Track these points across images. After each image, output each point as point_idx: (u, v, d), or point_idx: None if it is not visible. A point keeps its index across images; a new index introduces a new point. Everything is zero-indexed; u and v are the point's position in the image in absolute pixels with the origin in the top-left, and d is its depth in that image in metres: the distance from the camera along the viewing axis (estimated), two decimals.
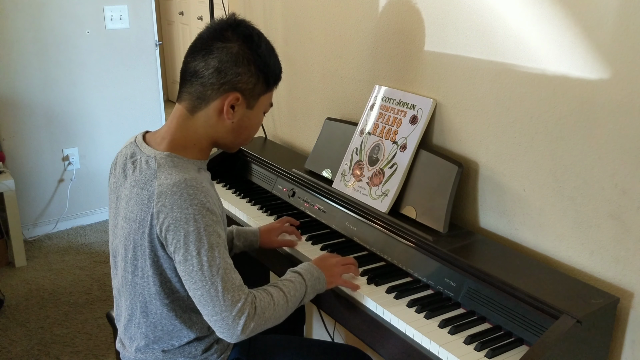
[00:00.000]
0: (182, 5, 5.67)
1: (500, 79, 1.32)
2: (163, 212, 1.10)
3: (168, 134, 1.20)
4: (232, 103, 1.18)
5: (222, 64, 1.15)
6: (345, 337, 2.05)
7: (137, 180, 1.16)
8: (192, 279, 1.10)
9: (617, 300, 1.13)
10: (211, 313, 1.11)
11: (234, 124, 1.20)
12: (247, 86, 1.18)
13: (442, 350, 1.10)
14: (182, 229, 1.09)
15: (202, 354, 1.26)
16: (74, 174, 3.45)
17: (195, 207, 1.09)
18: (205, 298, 1.10)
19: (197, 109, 1.19)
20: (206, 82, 1.16)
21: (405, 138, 1.48)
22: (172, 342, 1.24)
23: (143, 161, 1.18)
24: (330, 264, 1.31)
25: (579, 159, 1.20)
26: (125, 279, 1.22)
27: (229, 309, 1.09)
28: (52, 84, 3.26)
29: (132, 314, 1.24)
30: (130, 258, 1.19)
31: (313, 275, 1.26)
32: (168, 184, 1.11)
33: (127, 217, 1.17)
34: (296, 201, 1.73)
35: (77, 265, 3.07)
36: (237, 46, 1.16)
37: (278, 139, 2.23)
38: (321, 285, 1.28)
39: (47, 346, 2.39)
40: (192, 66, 1.18)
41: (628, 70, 1.08)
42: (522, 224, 1.33)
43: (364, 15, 1.68)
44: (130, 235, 1.17)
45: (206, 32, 1.19)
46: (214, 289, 1.09)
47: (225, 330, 1.11)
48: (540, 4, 1.21)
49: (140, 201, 1.14)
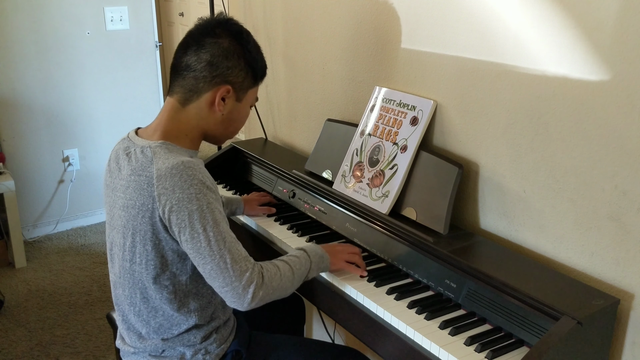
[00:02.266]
0: (182, 6, 5.67)
1: (500, 80, 1.32)
2: (165, 195, 1.13)
3: (160, 125, 1.25)
4: (223, 95, 1.24)
5: (214, 58, 1.22)
6: (346, 338, 2.05)
7: (134, 168, 1.19)
8: (200, 255, 1.14)
9: (617, 302, 1.13)
10: (222, 285, 1.16)
11: (224, 115, 1.27)
12: (237, 79, 1.25)
13: (443, 352, 1.10)
14: (186, 209, 1.13)
15: (201, 342, 1.28)
16: (74, 175, 3.45)
17: (195, 186, 1.14)
18: (215, 271, 1.15)
19: (189, 101, 1.24)
20: (199, 75, 1.22)
21: (406, 139, 1.48)
22: (172, 330, 1.26)
23: (138, 151, 1.21)
24: (336, 249, 1.38)
25: (579, 160, 1.20)
26: (123, 267, 1.24)
27: (238, 279, 1.15)
28: (52, 84, 3.26)
29: (132, 303, 1.26)
30: (128, 245, 1.21)
31: (317, 253, 1.32)
32: (166, 167, 1.14)
33: (125, 206, 1.20)
34: (296, 202, 1.73)
35: (77, 266, 3.07)
36: (228, 41, 1.23)
37: (278, 140, 2.23)
38: (325, 264, 1.33)
39: (47, 347, 2.39)
40: (184, 60, 1.23)
41: (628, 71, 1.08)
42: (523, 225, 1.34)
43: (364, 16, 1.68)
44: (129, 223, 1.19)
45: (196, 29, 1.26)
46: (222, 261, 1.14)
47: (236, 299, 1.16)
48: (540, 6, 1.21)
49: (139, 187, 1.16)
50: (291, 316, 1.75)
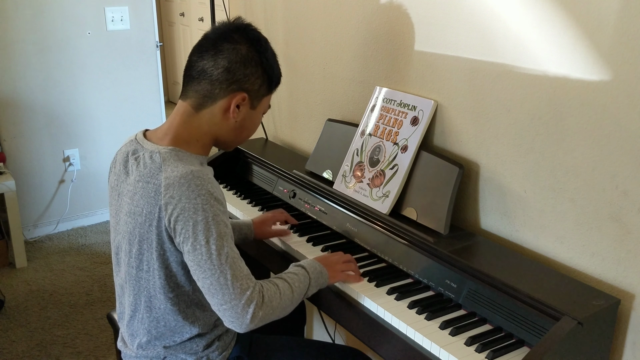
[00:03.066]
0: (183, 6, 5.67)
1: (501, 80, 1.32)
2: (171, 204, 1.11)
3: (171, 129, 1.22)
4: (238, 102, 1.21)
5: (232, 64, 1.19)
6: (346, 338, 2.05)
7: (142, 175, 1.17)
8: (200, 268, 1.11)
9: (618, 302, 1.13)
10: (220, 302, 1.12)
11: (237, 122, 1.24)
12: (254, 87, 1.22)
13: (443, 352, 1.10)
14: (191, 219, 1.10)
15: (203, 350, 1.27)
16: (74, 175, 3.45)
17: (203, 196, 1.11)
18: (215, 287, 1.11)
19: (202, 106, 1.21)
20: (215, 81, 1.19)
21: (406, 139, 1.48)
22: (174, 338, 1.25)
23: (147, 156, 1.19)
24: (332, 261, 1.34)
25: (579, 160, 1.20)
26: (129, 274, 1.23)
27: (238, 297, 1.11)
28: (53, 84, 3.26)
29: (135, 310, 1.25)
30: (135, 252, 1.20)
31: (316, 269, 1.29)
32: (175, 176, 1.12)
33: (132, 212, 1.18)
34: (297, 202, 1.73)
35: (77, 266, 3.07)
36: (246, 48, 1.20)
37: (279, 140, 2.23)
38: (323, 279, 1.30)
39: (47, 347, 2.40)
40: (199, 65, 1.20)
41: (629, 71, 1.08)
42: (523, 225, 1.33)
43: (364, 16, 1.68)
44: (136, 230, 1.18)
45: (213, 33, 1.22)
46: (223, 277, 1.10)
47: (234, 319, 1.12)
48: (540, 6, 1.21)
49: (147, 195, 1.14)
50: (292, 317, 1.74)
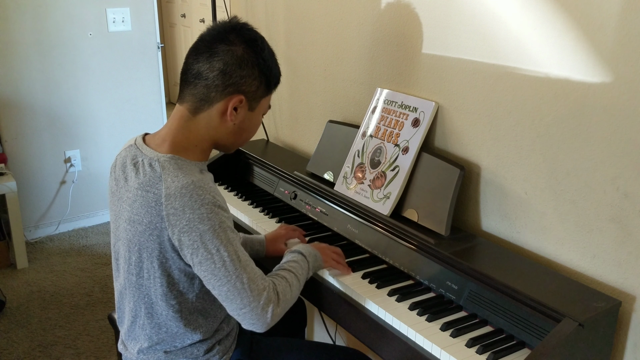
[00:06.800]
0: (184, 7, 5.68)
1: (502, 82, 1.32)
2: (175, 215, 1.10)
3: (169, 135, 1.20)
4: (235, 105, 1.18)
5: (227, 67, 1.16)
6: (347, 339, 2.05)
7: (142, 183, 1.15)
8: (215, 277, 1.11)
9: (619, 304, 1.13)
10: (239, 306, 1.12)
11: (235, 125, 1.21)
12: (251, 89, 1.19)
13: (444, 354, 1.10)
14: (197, 230, 1.09)
15: (204, 354, 1.26)
16: (75, 176, 3.45)
17: (206, 205, 1.10)
18: (232, 293, 1.12)
19: (199, 110, 1.19)
20: (210, 84, 1.16)
21: (407, 141, 1.48)
22: (175, 344, 1.24)
23: (146, 164, 1.17)
24: (321, 247, 1.40)
25: (580, 162, 1.20)
26: (129, 280, 1.22)
27: (257, 299, 1.12)
28: (54, 86, 3.27)
29: (136, 316, 1.24)
30: (134, 260, 1.19)
31: (311, 253, 1.33)
32: (176, 186, 1.11)
33: (132, 220, 1.17)
34: (298, 204, 1.73)
35: (78, 267, 3.07)
36: (242, 49, 1.17)
37: (280, 141, 2.24)
38: (319, 263, 1.34)
39: (48, 348, 2.40)
40: (195, 68, 1.17)
41: (630, 73, 1.08)
42: (524, 227, 1.33)
43: (365, 18, 1.68)
44: (135, 238, 1.17)
45: (208, 34, 1.19)
46: (239, 282, 1.11)
47: (255, 320, 1.14)
48: (541, 7, 1.21)
49: (147, 204, 1.13)
50: (293, 318, 1.75)
